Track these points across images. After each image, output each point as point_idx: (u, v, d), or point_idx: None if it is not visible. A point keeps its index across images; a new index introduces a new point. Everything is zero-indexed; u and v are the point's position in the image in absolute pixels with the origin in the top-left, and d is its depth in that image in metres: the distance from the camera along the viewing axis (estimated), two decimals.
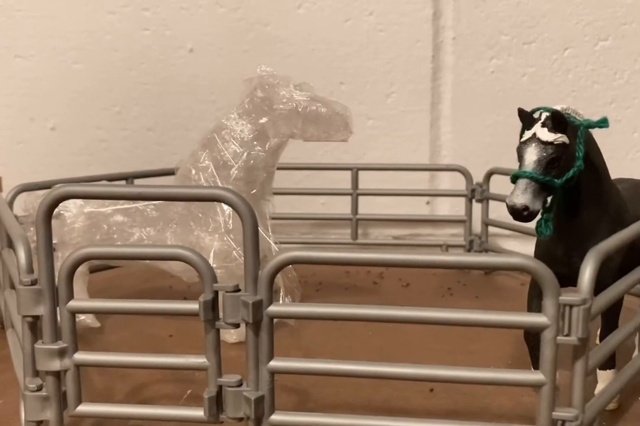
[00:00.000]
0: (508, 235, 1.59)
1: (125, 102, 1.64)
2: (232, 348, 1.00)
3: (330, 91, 1.55)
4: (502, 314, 0.67)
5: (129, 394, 0.91)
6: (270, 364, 0.70)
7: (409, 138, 1.64)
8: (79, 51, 1.62)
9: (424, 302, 1.26)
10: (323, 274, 1.40)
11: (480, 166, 1.50)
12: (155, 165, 1.52)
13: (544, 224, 0.81)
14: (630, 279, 0.80)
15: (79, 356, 0.74)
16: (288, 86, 1.08)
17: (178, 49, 1.63)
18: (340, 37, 1.62)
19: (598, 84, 1.61)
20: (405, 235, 1.67)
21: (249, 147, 1.09)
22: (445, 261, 0.69)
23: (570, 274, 0.76)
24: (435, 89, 1.64)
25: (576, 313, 0.64)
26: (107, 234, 1.11)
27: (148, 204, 1.12)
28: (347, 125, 1.09)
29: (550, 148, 0.77)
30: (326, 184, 1.57)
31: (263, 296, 0.69)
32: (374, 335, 1.09)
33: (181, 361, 0.74)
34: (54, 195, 0.72)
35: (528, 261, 0.65)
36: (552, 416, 0.66)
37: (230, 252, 1.06)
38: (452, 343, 1.05)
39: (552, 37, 1.60)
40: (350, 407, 0.86)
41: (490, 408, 0.86)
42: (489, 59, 1.62)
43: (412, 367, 0.70)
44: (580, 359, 0.67)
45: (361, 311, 0.70)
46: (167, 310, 0.75)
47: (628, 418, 0.83)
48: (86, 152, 1.65)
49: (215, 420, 0.73)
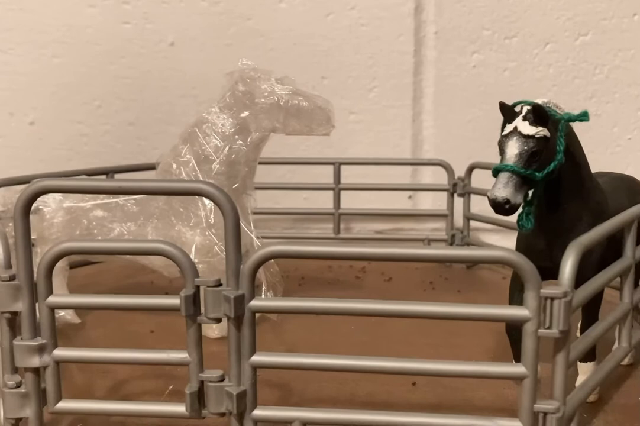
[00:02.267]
0: (489, 229, 1.59)
1: (105, 97, 1.63)
2: (214, 343, 0.99)
3: (312, 86, 1.55)
4: (484, 307, 0.67)
5: (110, 390, 0.90)
6: (252, 359, 0.70)
7: (391, 133, 1.64)
8: (58, 45, 1.60)
9: (407, 296, 1.25)
10: (305, 269, 1.40)
11: (462, 161, 1.51)
12: (136, 160, 1.51)
13: (525, 218, 0.82)
14: (610, 272, 0.80)
15: (58, 353, 0.74)
16: (269, 79, 1.07)
17: (159, 42, 1.61)
18: (322, 32, 1.61)
19: (578, 79, 1.62)
20: (387, 229, 1.67)
21: (231, 142, 1.09)
22: (427, 255, 0.69)
23: (551, 267, 0.76)
24: (417, 83, 1.64)
25: (557, 306, 0.65)
26: (87, 229, 1.10)
27: (128, 198, 1.11)
28: (329, 119, 1.08)
29: (531, 142, 0.77)
30: (308, 178, 1.57)
31: (245, 290, 0.69)
32: (356, 329, 1.09)
33: (163, 357, 0.73)
34: (32, 189, 0.71)
35: (510, 254, 0.65)
36: (533, 408, 0.66)
37: (212, 247, 1.06)
38: (435, 337, 1.05)
39: (533, 32, 1.60)
40: (334, 401, 0.86)
41: (472, 401, 0.86)
42: (470, 54, 1.62)
43: (395, 361, 0.70)
44: (561, 351, 0.67)
45: (344, 306, 0.70)
46: (148, 305, 0.74)
47: (608, 409, 0.84)
48: (66, 147, 1.63)
49: (197, 415, 0.73)
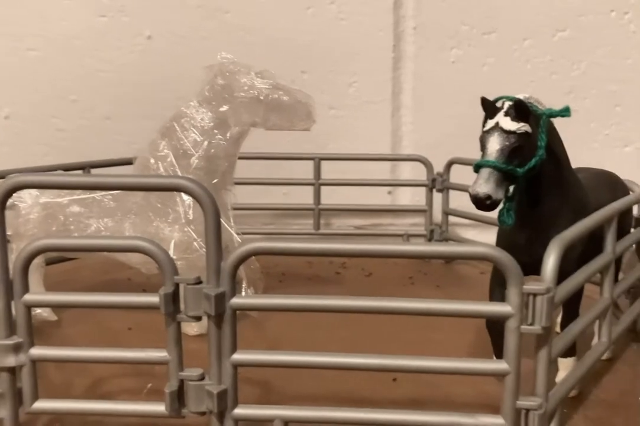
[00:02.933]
0: (468, 224, 1.60)
1: (82, 91, 1.60)
2: (193, 340, 0.98)
3: (291, 80, 1.52)
4: (467, 303, 0.67)
5: (87, 389, 0.89)
6: (233, 357, 0.69)
7: (371, 128, 1.64)
8: (34, 38, 1.57)
9: (386, 291, 1.24)
10: (286, 265, 1.39)
11: (441, 156, 1.51)
12: (113, 155, 1.48)
13: (506, 214, 0.82)
14: (591, 268, 0.80)
15: (35, 352, 0.72)
16: (249, 73, 1.06)
17: (136, 36, 1.59)
18: (302, 26, 1.60)
19: (556, 75, 1.63)
20: (367, 225, 1.67)
21: (210, 136, 1.07)
22: (410, 251, 0.69)
23: (532, 263, 0.76)
24: (397, 79, 1.64)
25: (540, 302, 0.65)
26: (64, 225, 1.08)
27: (105, 194, 1.10)
28: (310, 114, 1.08)
29: (512, 137, 0.77)
30: (288, 174, 1.56)
31: (226, 288, 0.68)
32: (337, 326, 1.08)
33: (141, 355, 0.72)
34: (7, 185, 0.70)
35: (493, 250, 0.65)
36: (516, 405, 0.66)
37: (191, 243, 1.04)
38: (415, 332, 1.05)
39: (512, 28, 1.61)
40: (315, 398, 0.86)
41: (453, 397, 0.86)
42: (449, 49, 1.62)
43: (376, 357, 0.70)
44: (543, 348, 0.67)
45: (325, 303, 0.69)
46: (126, 303, 0.73)
47: (588, 405, 0.84)
48: (42, 141, 1.61)
49: (176, 414, 0.72)
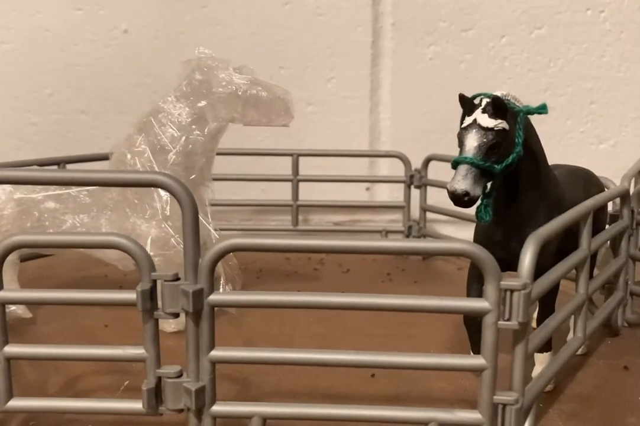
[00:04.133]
0: (445, 221, 1.61)
1: (56, 84, 1.58)
2: (171, 337, 0.98)
3: (269, 75, 1.53)
4: (445, 299, 0.67)
5: (63, 387, 0.88)
6: (211, 354, 0.69)
7: (349, 124, 1.64)
8: (7, 30, 1.55)
9: (365, 287, 1.26)
10: (264, 261, 1.39)
11: (419, 153, 1.51)
12: (89, 150, 1.47)
13: (483, 210, 0.82)
14: (567, 264, 0.81)
15: (9, 349, 0.71)
16: (227, 68, 1.05)
17: (112, 29, 1.58)
18: (280, 21, 1.60)
19: (533, 72, 1.64)
20: (345, 221, 1.67)
21: (187, 132, 1.07)
22: (388, 247, 0.68)
23: (508, 259, 0.77)
24: (375, 75, 1.64)
25: (517, 298, 0.65)
26: (39, 221, 1.07)
27: (81, 190, 1.08)
28: (289, 110, 1.07)
29: (490, 134, 0.77)
30: (266, 170, 1.56)
31: (204, 284, 0.68)
32: (315, 322, 1.08)
33: (118, 353, 0.72)
34: None
35: (470, 246, 0.65)
36: (493, 400, 0.67)
37: (168, 239, 1.04)
38: (393, 328, 1.06)
39: (490, 25, 1.61)
40: (293, 395, 0.86)
41: (431, 392, 0.87)
42: (427, 46, 1.62)
43: (354, 354, 0.70)
44: (520, 343, 0.68)
45: (302, 299, 0.69)
46: (103, 300, 0.72)
47: (563, 399, 0.85)
48: (15, 136, 1.59)
49: (154, 412, 0.71)
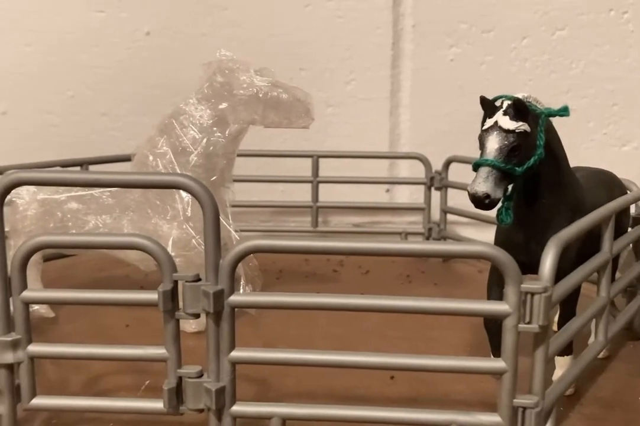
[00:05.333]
0: (466, 223, 1.60)
1: (77, 86, 1.60)
2: (191, 337, 0.98)
3: (289, 77, 1.52)
4: (465, 302, 0.67)
5: (85, 386, 0.89)
6: (231, 354, 0.69)
7: (369, 126, 1.64)
8: (30, 33, 1.57)
9: (384, 289, 1.25)
10: (283, 262, 1.40)
11: (439, 154, 1.51)
12: (110, 151, 1.48)
13: (504, 212, 0.82)
14: (588, 267, 0.81)
15: (33, 348, 0.72)
16: (248, 71, 1.06)
17: (134, 31, 1.59)
18: (300, 23, 1.60)
19: (555, 73, 1.63)
20: (364, 223, 1.67)
21: (209, 133, 1.07)
22: (407, 250, 0.69)
23: (529, 262, 0.77)
24: (395, 76, 1.64)
25: (537, 301, 0.65)
26: (62, 221, 1.08)
27: (104, 191, 1.09)
28: (309, 111, 1.08)
29: (511, 136, 0.77)
30: (286, 171, 1.56)
31: (224, 285, 0.68)
32: (334, 323, 1.08)
33: (140, 352, 0.72)
34: (5, 182, 0.70)
35: (490, 249, 0.65)
36: (513, 403, 0.66)
37: (190, 240, 1.04)
38: (411, 330, 1.05)
39: (510, 26, 1.61)
40: (312, 396, 0.86)
41: (450, 395, 0.87)
42: (448, 47, 1.62)
43: (373, 355, 0.70)
44: (540, 346, 0.67)
45: (322, 300, 0.69)
46: (124, 301, 0.73)
47: (584, 402, 0.85)
48: (37, 137, 1.60)
49: (175, 411, 0.72)
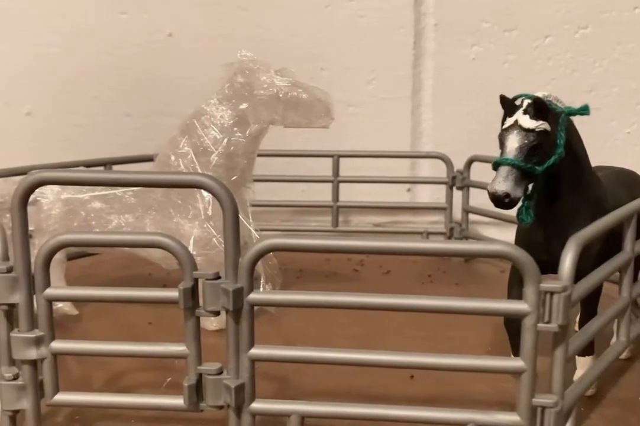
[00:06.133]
0: (488, 222, 1.59)
1: (102, 87, 1.62)
2: (212, 335, 0.99)
3: (310, 77, 1.52)
4: (484, 301, 0.67)
5: (107, 382, 0.90)
6: (250, 352, 0.70)
7: (390, 125, 1.64)
8: (54, 35, 1.59)
9: (405, 289, 1.25)
10: (303, 262, 1.40)
11: (461, 154, 1.50)
12: (133, 151, 1.50)
13: (525, 212, 0.81)
14: (609, 267, 0.80)
15: (56, 345, 0.73)
16: (269, 71, 1.07)
17: (156, 33, 1.60)
18: (320, 23, 1.60)
19: (577, 72, 1.62)
20: (385, 222, 1.67)
21: (229, 133, 1.08)
22: (426, 248, 0.69)
23: (550, 261, 0.76)
24: (417, 75, 1.63)
25: (557, 300, 0.64)
26: (85, 220, 1.09)
27: (126, 190, 1.11)
28: (329, 111, 1.08)
29: (531, 135, 0.77)
30: (307, 171, 1.56)
31: (244, 283, 0.69)
32: (354, 322, 1.09)
33: (161, 349, 0.73)
34: (30, 181, 0.71)
35: (509, 248, 0.65)
36: (532, 402, 0.66)
37: (210, 239, 1.05)
38: (431, 329, 1.05)
39: (533, 25, 1.60)
40: (331, 394, 0.86)
41: (469, 394, 0.86)
42: (470, 46, 1.61)
43: (393, 354, 0.70)
44: (560, 346, 0.67)
45: (342, 299, 0.70)
46: (146, 298, 0.74)
47: (606, 403, 0.84)
48: (62, 137, 1.63)
49: (195, 408, 0.72)
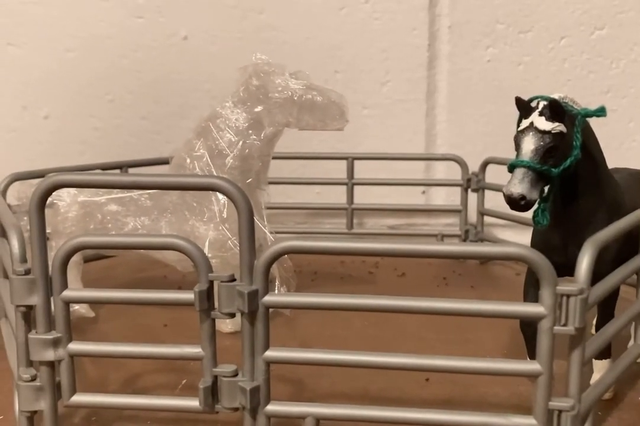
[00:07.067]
0: (503, 225, 1.58)
1: (118, 90, 1.63)
2: (227, 337, 0.99)
3: (325, 80, 1.54)
4: (500, 304, 0.67)
5: (123, 384, 0.90)
6: (265, 354, 0.70)
7: (405, 127, 1.64)
8: (71, 39, 1.60)
9: (420, 292, 1.25)
10: (318, 264, 1.40)
11: (476, 156, 1.50)
12: (149, 154, 1.50)
13: (541, 214, 0.81)
14: (626, 269, 0.79)
15: (73, 346, 0.74)
16: (283, 74, 1.07)
17: (172, 36, 1.61)
18: (335, 25, 1.61)
19: (594, 74, 1.61)
20: (400, 225, 1.67)
21: (244, 136, 1.09)
22: (442, 251, 0.68)
23: (566, 264, 0.76)
24: (431, 77, 1.63)
25: (573, 303, 0.64)
26: (101, 223, 1.10)
27: (142, 193, 1.11)
28: (343, 114, 1.08)
29: (547, 137, 0.76)
30: (321, 173, 1.56)
31: (259, 286, 0.69)
32: (369, 325, 1.09)
33: (176, 351, 0.73)
34: (47, 184, 0.71)
35: (526, 250, 0.65)
36: (548, 406, 0.66)
37: (226, 241, 1.06)
38: (446, 332, 1.05)
39: (548, 26, 1.59)
40: (346, 397, 0.86)
41: (486, 397, 0.86)
42: (484, 48, 1.61)
43: (408, 357, 0.70)
44: (576, 349, 0.67)
45: (356, 301, 0.70)
46: (162, 300, 0.74)
47: (623, 407, 0.83)
48: (79, 140, 1.64)
49: (210, 410, 0.73)
